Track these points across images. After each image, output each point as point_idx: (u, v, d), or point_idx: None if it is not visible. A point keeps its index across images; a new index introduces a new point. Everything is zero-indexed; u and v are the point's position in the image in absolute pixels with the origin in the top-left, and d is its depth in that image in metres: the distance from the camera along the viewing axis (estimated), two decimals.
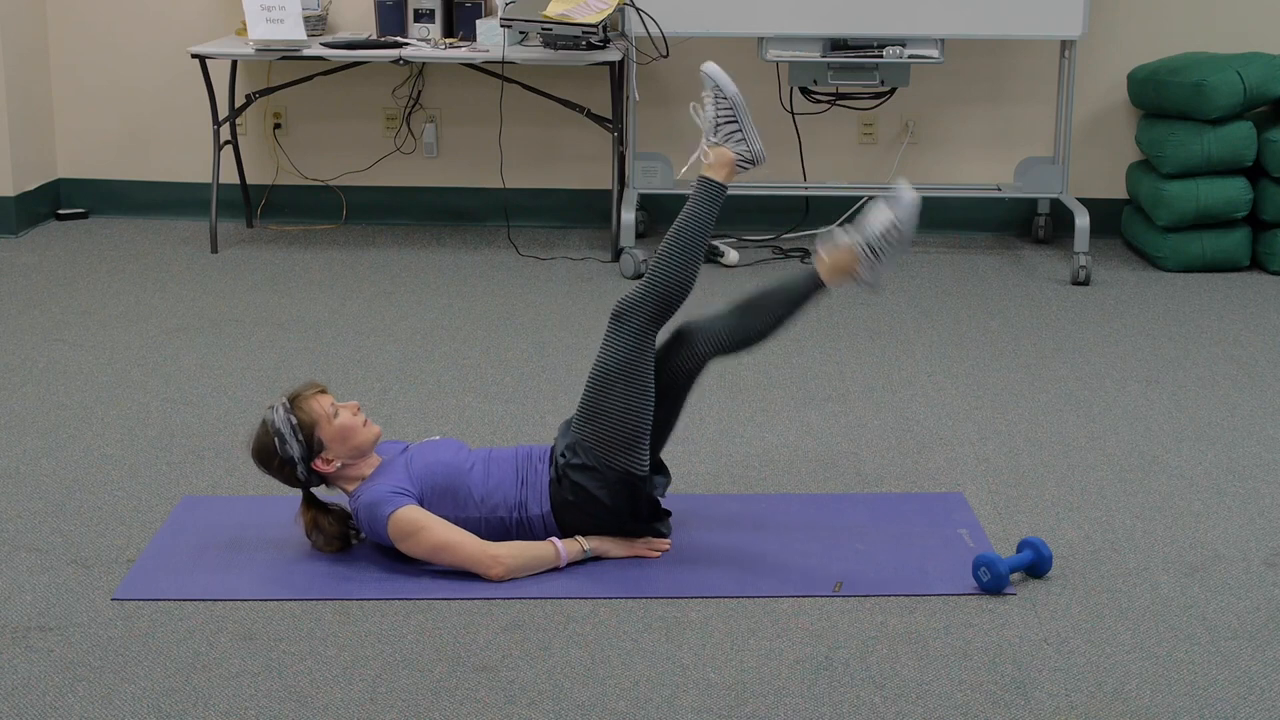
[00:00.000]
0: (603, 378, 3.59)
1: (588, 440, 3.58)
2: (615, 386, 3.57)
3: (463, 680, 3.14)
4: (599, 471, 3.57)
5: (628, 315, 3.60)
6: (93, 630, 3.32)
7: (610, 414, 3.56)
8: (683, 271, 3.66)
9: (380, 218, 6.90)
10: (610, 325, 3.62)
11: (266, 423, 3.59)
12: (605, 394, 3.57)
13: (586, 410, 3.60)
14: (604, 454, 3.56)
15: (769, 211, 6.72)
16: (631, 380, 3.58)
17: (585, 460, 3.57)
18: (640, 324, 3.60)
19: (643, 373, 3.59)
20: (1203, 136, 6.07)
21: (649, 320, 3.61)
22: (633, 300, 3.62)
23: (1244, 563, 3.66)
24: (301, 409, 3.58)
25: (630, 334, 3.59)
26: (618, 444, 3.56)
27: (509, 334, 5.38)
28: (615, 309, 3.62)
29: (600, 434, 3.56)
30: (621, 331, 3.60)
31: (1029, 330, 5.45)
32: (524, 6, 6.05)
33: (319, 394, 3.63)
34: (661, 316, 3.63)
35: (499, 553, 3.52)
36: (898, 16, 6.05)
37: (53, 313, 5.58)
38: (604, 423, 3.56)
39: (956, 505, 3.96)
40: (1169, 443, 4.41)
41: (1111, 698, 3.08)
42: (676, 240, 3.68)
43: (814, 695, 3.08)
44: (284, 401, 3.60)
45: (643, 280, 3.65)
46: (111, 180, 6.93)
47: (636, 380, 3.58)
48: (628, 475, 3.57)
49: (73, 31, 6.80)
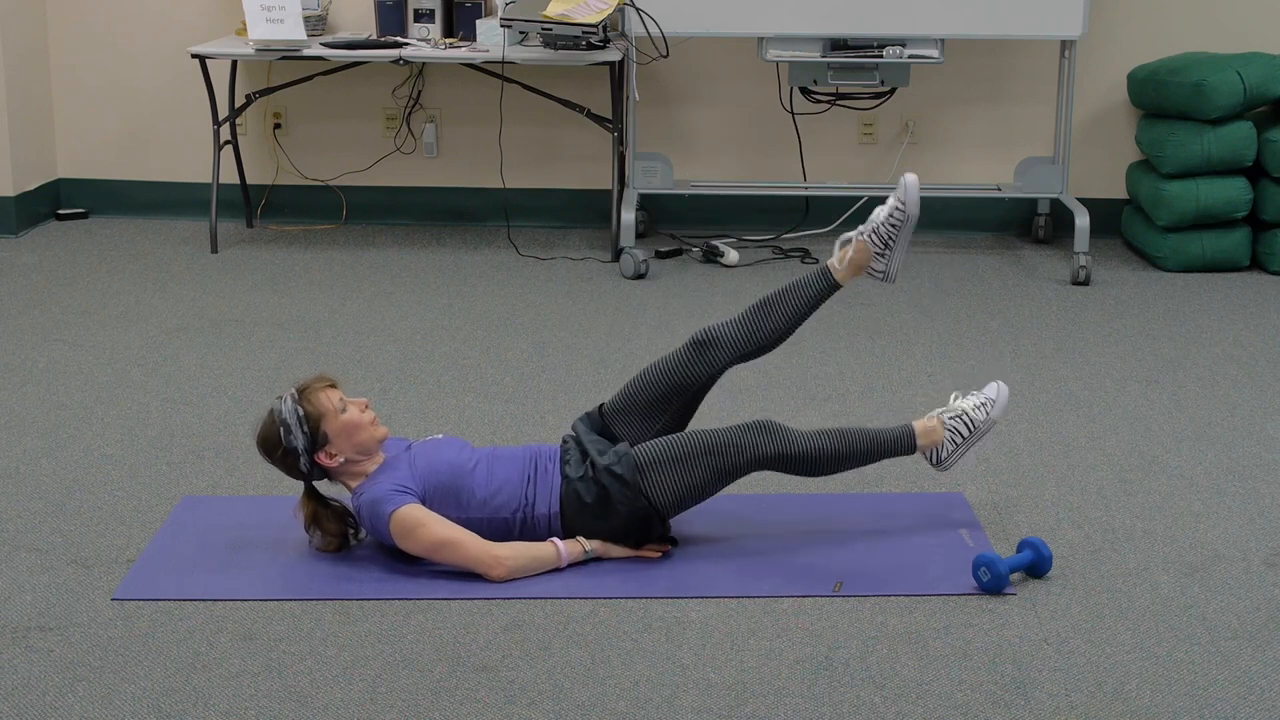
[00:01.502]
0: (713, 447, 3.60)
1: (648, 472, 3.57)
2: (716, 461, 3.60)
3: (463, 680, 3.14)
4: (633, 490, 3.57)
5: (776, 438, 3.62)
6: (93, 630, 3.32)
7: (693, 475, 3.58)
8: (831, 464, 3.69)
9: (380, 218, 6.90)
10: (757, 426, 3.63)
11: (274, 412, 3.59)
12: (704, 458, 3.59)
13: (673, 454, 3.59)
14: (653, 488, 3.57)
15: (769, 211, 6.72)
16: (730, 471, 3.61)
17: (627, 474, 3.57)
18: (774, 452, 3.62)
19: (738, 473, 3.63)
20: (1203, 136, 6.07)
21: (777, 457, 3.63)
22: (787, 435, 3.63)
23: (1244, 563, 3.66)
24: (310, 401, 3.58)
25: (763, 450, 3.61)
26: (673, 497, 3.59)
27: (509, 334, 5.38)
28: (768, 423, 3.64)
29: (668, 479, 3.57)
30: (759, 439, 3.61)
31: (1029, 330, 5.45)
32: (524, 6, 6.05)
33: (329, 387, 3.62)
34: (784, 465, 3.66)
35: (501, 553, 3.52)
36: (898, 16, 6.05)
37: (53, 313, 5.58)
38: (680, 475, 3.58)
39: (956, 505, 3.96)
40: (1169, 443, 4.41)
41: (1111, 698, 3.08)
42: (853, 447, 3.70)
43: (814, 695, 3.08)
44: (293, 392, 3.60)
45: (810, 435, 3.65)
46: (111, 180, 6.94)
47: (731, 474, 3.62)
48: (654, 510, 3.59)
49: (73, 31, 6.80)
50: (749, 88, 6.62)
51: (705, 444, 3.60)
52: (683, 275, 6.12)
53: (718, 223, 6.71)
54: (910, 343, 5.30)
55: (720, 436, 3.61)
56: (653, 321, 5.53)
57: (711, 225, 6.68)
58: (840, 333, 5.38)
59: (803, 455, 3.64)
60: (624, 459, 3.58)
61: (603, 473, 3.57)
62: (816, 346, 5.22)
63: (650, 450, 3.60)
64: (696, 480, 3.58)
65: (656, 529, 3.64)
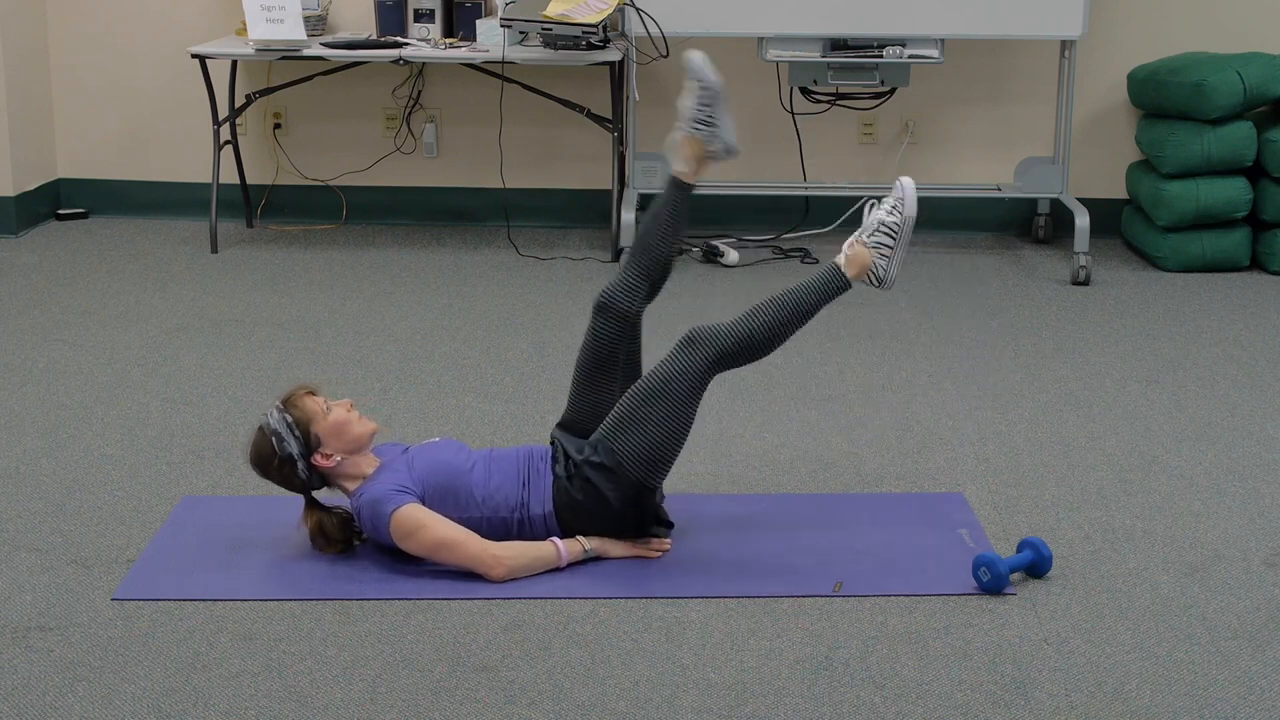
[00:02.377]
0: (652, 392, 3.58)
1: (615, 445, 3.57)
2: (663, 403, 3.57)
3: (463, 680, 3.14)
4: (615, 474, 3.57)
5: (703, 343, 3.60)
6: (93, 630, 3.32)
7: (649, 428, 3.56)
8: (772, 338, 3.64)
9: (380, 218, 6.90)
10: (679, 346, 3.61)
11: (263, 427, 3.60)
12: (650, 408, 3.57)
13: (624, 418, 3.59)
14: (627, 461, 3.56)
15: (769, 211, 6.72)
16: (681, 403, 3.58)
17: (605, 460, 3.57)
18: (711, 356, 3.59)
19: (692, 400, 3.59)
20: (1203, 136, 6.07)
21: (719, 357, 3.60)
22: (713, 332, 3.61)
23: (1244, 563, 3.66)
24: (295, 407, 3.60)
25: (697, 361, 3.58)
26: (644, 457, 3.57)
27: (509, 334, 5.38)
28: (689, 333, 3.62)
29: (631, 443, 3.56)
30: (690, 356, 3.59)
31: (1029, 330, 5.45)
32: (524, 6, 6.05)
33: (309, 394, 3.64)
34: (732, 359, 3.62)
35: (501, 553, 3.52)
36: (898, 16, 6.05)
37: (53, 313, 5.58)
38: (639, 434, 3.56)
39: (956, 505, 3.96)
40: (1169, 443, 4.41)
41: (1111, 698, 3.08)
42: (785, 311, 3.65)
43: (814, 695, 3.08)
44: (277, 405, 3.62)
45: (736, 322, 3.63)
46: (111, 180, 6.93)
47: (685, 405, 3.59)
48: (641, 485, 3.59)
49: (73, 31, 6.80)
50: (749, 88, 6.61)
51: (649, 389, 3.58)
52: (683, 275, 6.12)
53: (718, 223, 6.71)
54: (910, 343, 5.30)
55: (658, 375, 3.59)
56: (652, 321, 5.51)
57: (711, 225, 6.68)
58: (840, 333, 5.38)
59: (740, 346, 3.62)
60: (598, 446, 3.59)
61: (583, 466, 3.58)
62: (816, 346, 5.22)
63: (608, 424, 3.60)
64: (660, 427, 3.56)
65: (651, 507, 3.63)
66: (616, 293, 3.76)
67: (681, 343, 3.62)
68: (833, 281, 3.69)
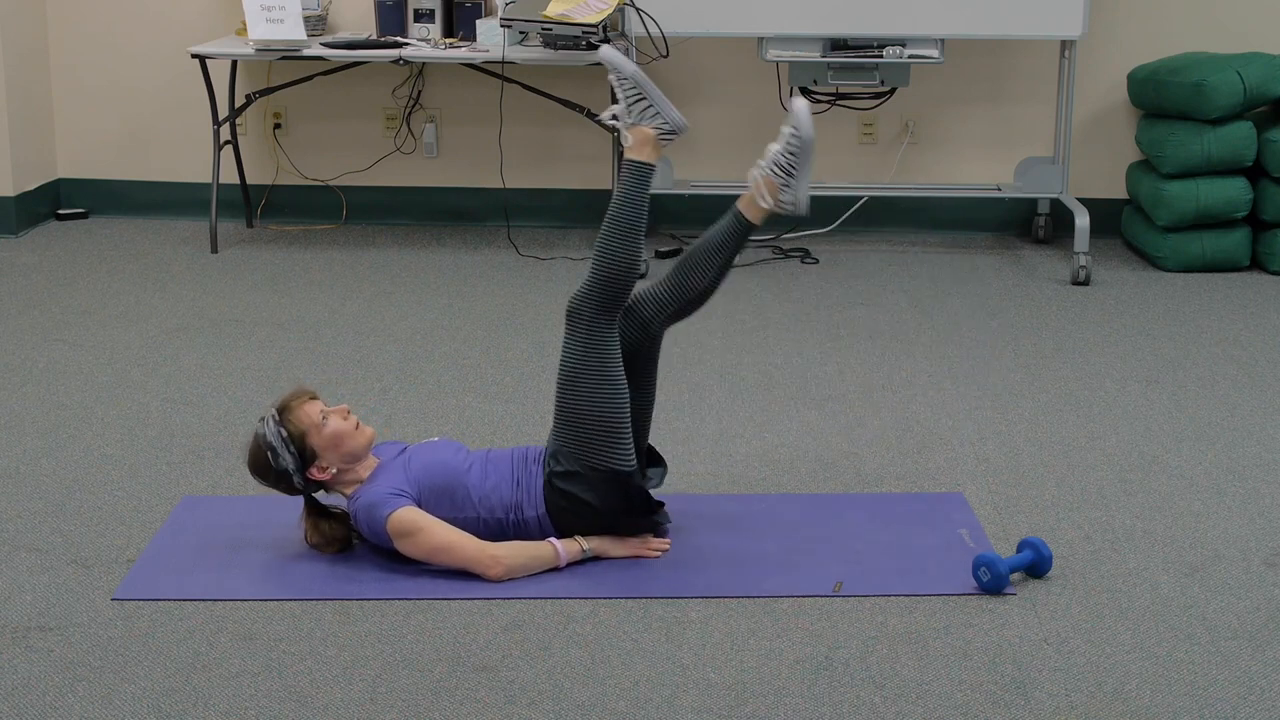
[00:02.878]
0: (568, 379, 3.58)
1: (567, 446, 3.57)
2: (581, 385, 3.56)
3: (463, 680, 3.14)
4: (584, 476, 3.56)
5: (579, 311, 3.60)
6: (93, 630, 3.32)
7: (583, 414, 3.56)
8: (624, 254, 3.61)
9: (380, 218, 6.90)
10: (566, 326, 3.61)
11: (258, 436, 3.59)
12: (573, 396, 3.57)
13: (560, 416, 3.59)
14: (586, 456, 3.56)
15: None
16: (597, 375, 3.56)
17: (569, 467, 3.57)
18: (591, 315, 3.58)
19: (607, 365, 3.57)
20: (1203, 136, 6.07)
21: (599, 309, 3.58)
22: (581, 295, 3.60)
23: (1244, 563, 3.66)
24: (291, 420, 3.57)
25: (584, 328, 3.58)
26: (596, 443, 3.56)
27: (509, 334, 5.38)
28: (567, 307, 3.62)
29: (578, 437, 3.56)
30: (576, 329, 3.59)
31: (1029, 330, 5.45)
32: (524, 6, 6.05)
33: (308, 401, 3.61)
34: (611, 304, 3.60)
35: (498, 553, 3.52)
36: (898, 16, 6.05)
37: (53, 313, 5.58)
38: (579, 425, 3.56)
39: (956, 505, 3.96)
40: (1169, 443, 4.41)
41: (1111, 698, 3.08)
42: (613, 225, 3.63)
43: (814, 695, 3.08)
44: (273, 414, 3.59)
45: (587, 273, 3.63)
46: (111, 180, 6.94)
47: (602, 374, 3.57)
48: (614, 474, 3.57)
49: (73, 31, 6.80)
50: (749, 88, 6.61)
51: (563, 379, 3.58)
52: None
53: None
54: (910, 343, 5.30)
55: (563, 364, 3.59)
56: None
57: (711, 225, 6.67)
58: (840, 333, 5.38)
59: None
60: (558, 455, 3.58)
61: (554, 478, 3.58)
62: (816, 346, 5.22)
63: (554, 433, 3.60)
64: (595, 407, 3.54)
65: (636, 493, 3.61)
66: (645, 300, 3.73)
67: (565, 322, 3.62)
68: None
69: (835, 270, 6.24)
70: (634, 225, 3.64)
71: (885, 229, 6.77)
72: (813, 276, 6.14)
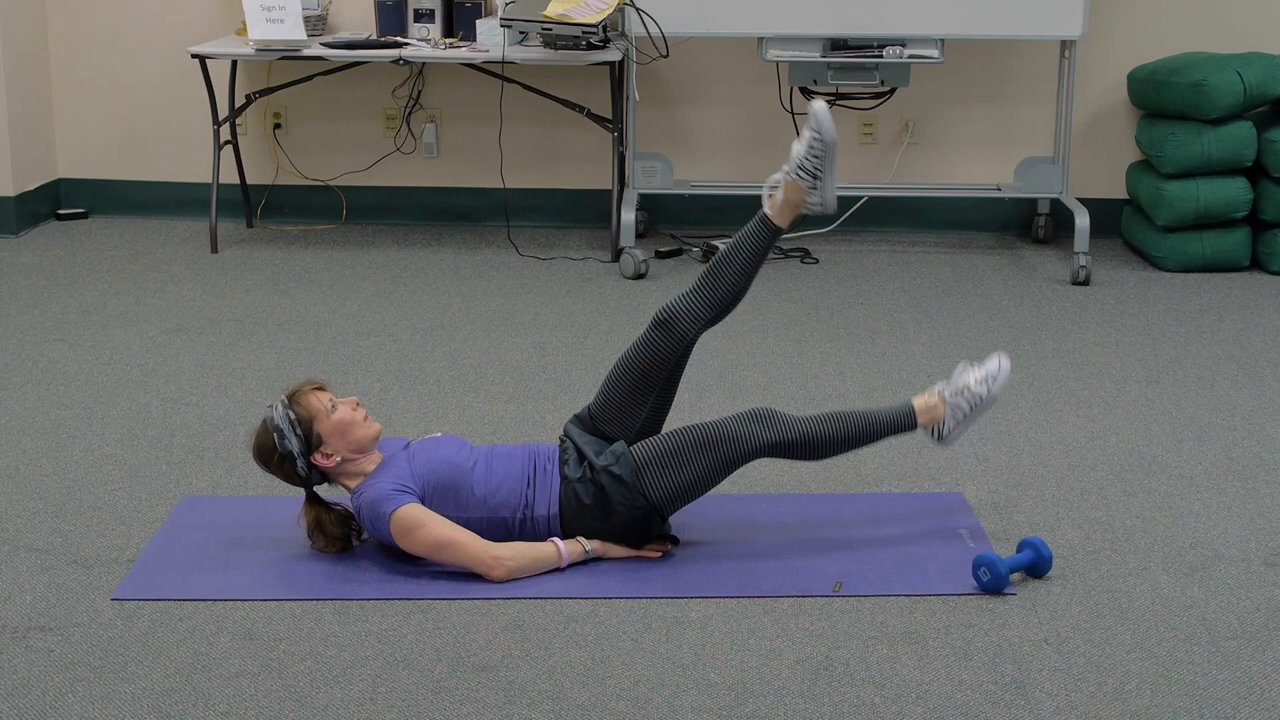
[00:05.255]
0: (707, 442, 3.59)
1: (646, 471, 3.57)
2: (711, 457, 3.59)
3: (463, 680, 3.14)
4: (632, 490, 3.57)
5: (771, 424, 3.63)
6: (93, 630, 3.32)
7: (687, 472, 3.58)
8: (830, 446, 3.68)
9: (380, 218, 6.90)
10: (751, 413, 3.64)
11: (266, 420, 3.60)
12: (698, 456, 3.59)
13: (668, 453, 3.59)
14: (651, 486, 3.57)
15: None
16: (726, 464, 3.61)
17: (625, 475, 3.57)
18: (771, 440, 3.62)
19: (735, 465, 3.62)
20: (1203, 136, 6.07)
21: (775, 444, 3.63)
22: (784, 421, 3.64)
23: (1244, 563, 3.66)
24: (299, 404, 3.59)
25: (759, 438, 3.61)
26: (669, 494, 3.58)
27: (509, 334, 5.38)
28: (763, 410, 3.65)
29: (664, 478, 3.57)
30: (755, 427, 3.61)
31: (1029, 330, 5.45)
32: (524, 6, 6.05)
33: (317, 390, 3.64)
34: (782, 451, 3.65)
35: (501, 553, 3.52)
36: (898, 16, 6.05)
37: (53, 313, 5.58)
38: (675, 473, 3.57)
39: (956, 505, 3.96)
40: (1169, 443, 4.41)
41: (1111, 698, 3.08)
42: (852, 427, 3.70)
43: (814, 695, 3.08)
44: (283, 399, 3.61)
45: (807, 419, 3.66)
46: (111, 180, 6.94)
47: (727, 467, 3.62)
48: (654, 511, 3.60)
49: (73, 31, 6.80)
50: (749, 88, 6.61)
51: (702, 438, 3.59)
52: (683, 275, 6.11)
53: (718, 223, 6.71)
54: (910, 343, 5.30)
55: (717, 429, 3.61)
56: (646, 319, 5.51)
57: (711, 225, 6.68)
58: (840, 333, 5.38)
59: (801, 441, 3.64)
60: (622, 459, 3.58)
61: (601, 474, 3.57)
62: (816, 346, 5.22)
63: (647, 449, 3.60)
64: (695, 475, 3.58)
65: (656, 526, 3.64)
66: (680, 314, 3.73)
67: (754, 411, 3.64)
68: (902, 420, 3.75)
69: (835, 270, 6.24)
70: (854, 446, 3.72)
71: (885, 229, 6.77)
72: (813, 276, 6.14)
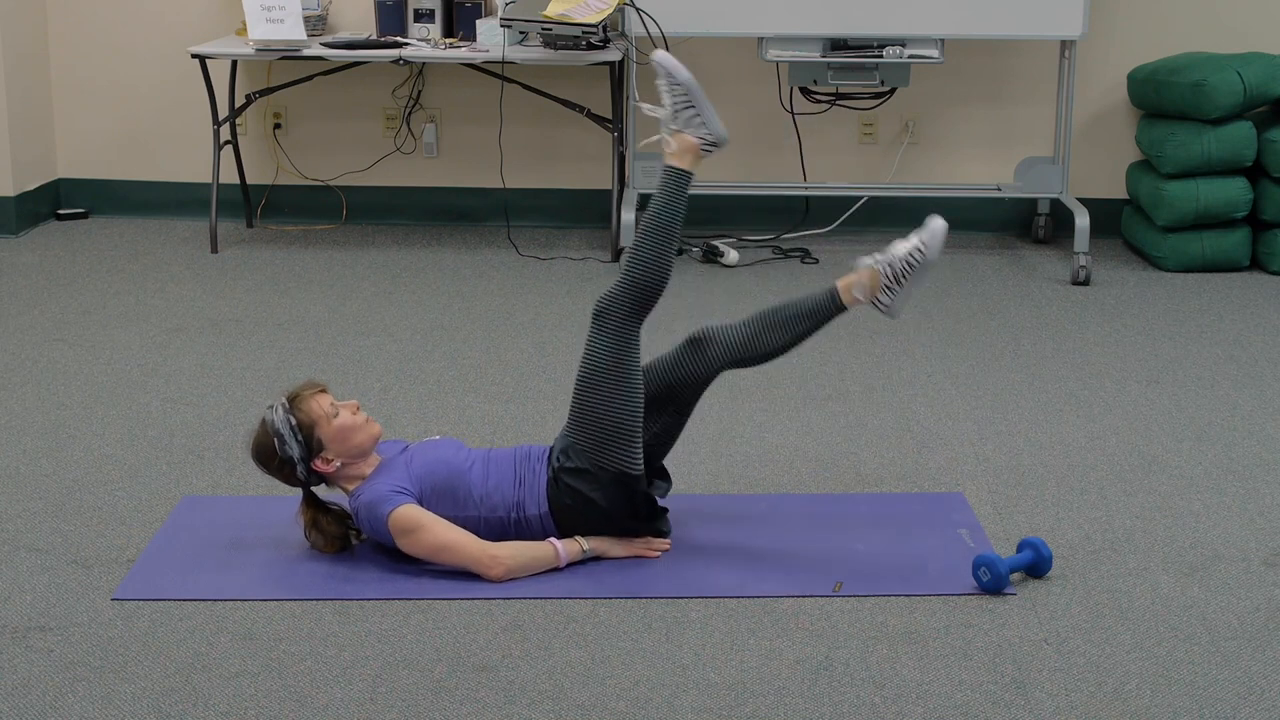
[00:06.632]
0: (589, 378, 3.58)
1: (580, 443, 3.57)
2: (602, 386, 3.57)
3: (463, 680, 3.14)
4: (593, 474, 3.56)
5: (608, 313, 3.60)
6: (93, 630, 3.32)
7: (600, 414, 3.56)
8: (658, 262, 3.62)
9: (380, 218, 6.90)
10: (592, 325, 3.62)
11: (266, 423, 3.59)
12: (593, 395, 3.57)
13: (576, 413, 3.60)
14: (597, 455, 3.56)
15: (769, 211, 6.72)
16: (618, 379, 3.57)
17: (579, 463, 3.57)
18: (620, 319, 3.59)
19: (628, 370, 3.58)
20: (1203, 136, 6.07)
21: (629, 315, 3.59)
22: (611, 297, 3.61)
23: (1244, 563, 3.66)
24: (300, 409, 3.58)
25: (612, 331, 3.58)
26: (609, 444, 3.56)
27: (509, 334, 5.38)
28: (595, 307, 3.62)
29: (592, 436, 3.56)
30: (603, 330, 3.59)
31: (1029, 330, 5.45)
32: (524, 6, 6.05)
33: (319, 393, 3.63)
34: (641, 310, 3.61)
35: (499, 553, 3.52)
36: (898, 16, 6.05)
37: (53, 313, 5.59)
38: (594, 424, 3.56)
39: (956, 505, 3.96)
40: (1169, 443, 4.41)
41: (1111, 698, 3.08)
42: (649, 232, 3.64)
43: (814, 695, 3.08)
44: (283, 402, 3.60)
45: (619, 276, 3.63)
46: (111, 180, 6.94)
47: (623, 378, 3.57)
48: (622, 475, 3.57)
49: (73, 31, 6.80)
50: (749, 88, 6.61)
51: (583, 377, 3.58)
52: (683, 275, 6.12)
53: (718, 223, 6.71)
54: (910, 343, 5.30)
55: (585, 361, 3.58)
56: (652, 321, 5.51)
57: (711, 225, 6.68)
58: (840, 333, 5.38)
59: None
60: (568, 450, 3.58)
61: (562, 474, 3.58)
62: (816, 346, 5.21)
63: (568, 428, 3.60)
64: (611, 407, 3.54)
65: (640, 496, 3.61)
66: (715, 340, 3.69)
67: (592, 322, 3.62)
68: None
69: (835, 270, 6.19)
70: (669, 231, 3.64)
71: (885, 229, 6.75)
72: (813, 276, 6.14)
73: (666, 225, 3.65)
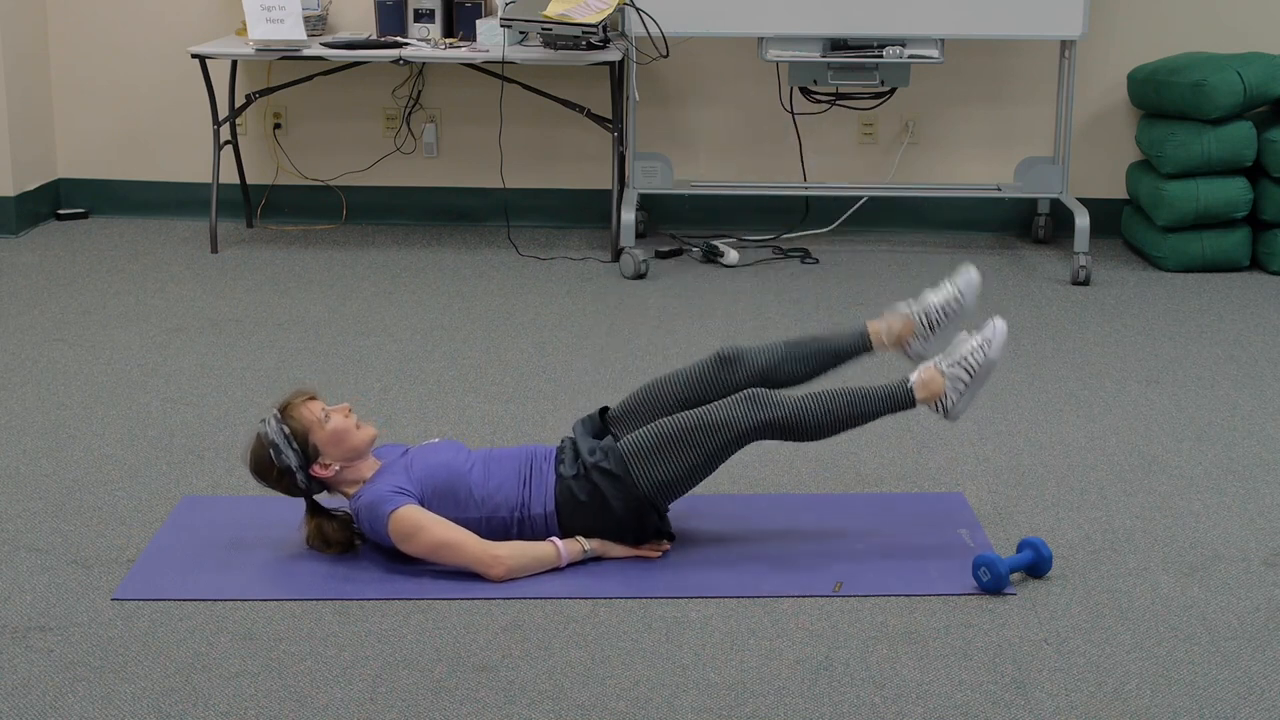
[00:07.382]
0: (695, 429, 3.56)
1: (635, 462, 3.56)
2: (701, 444, 3.56)
3: (463, 680, 3.14)
4: (624, 484, 3.56)
5: (762, 405, 3.57)
6: (93, 630, 3.32)
7: (678, 461, 3.56)
8: (823, 427, 3.61)
9: (380, 218, 6.90)
10: (739, 398, 3.59)
11: (260, 436, 3.59)
12: (687, 444, 3.56)
13: (659, 443, 3.57)
14: (642, 477, 3.56)
15: (769, 211, 6.72)
16: (717, 451, 3.57)
17: (615, 469, 3.57)
18: (762, 421, 3.57)
19: (727, 451, 3.59)
20: (1203, 136, 6.07)
21: (765, 425, 3.57)
22: (773, 401, 3.58)
23: (1244, 563, 3.66)
24: (293, 417, 3.58)
25: (749, 420, 3.56)
26: (661, 484, 3.57)
27: (509, 334, 5.38)
28: (753, 392, 3.59)
29: (655, 468, 3.56)
30: (744, 411, 3.56)
31: (1029, 330, 5.45)
32: (524, 6, 6.05)
33: (308, 400, 3.63)
34: (774, 432, 3.60)
35: (500, 552, 3.52)
36: (898, 16, 6.05)
37: (53, 313, 5.58)
38: (666, 463, 3.56)
39: (956, 505, 3.96)
40: (1169, 443, 4.41)
41: (1111, 698, 3.08)
42: (846, 407, 3.62)
43: (814, 695, 3.08)
44: (275, 413, 3.60)
45: (797, 399, 3.61)
46: (111, 180, 6.94)
47: (719, 454, 3.58)
48: (650, 501, 3.59)
49: (73, 31, 6.80)
50: (749, 88, 6.61)
51: (691, 425, 3.57)
52: (683, 275, 6.12)
53: (718, 223, 6.71)
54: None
55: (706, 416, 3.58)
56: (653, 322, 5.53)
57: (711, 225, 6.68)
58: None
59: (794, 422, 3.59)
60: (610, 453, 3.58)
61: (593, 470, 3.58)
62: None
63: (636, 441, 3.59)
64: (686, 464, 3.57)
65: (653, 521, 3.64)
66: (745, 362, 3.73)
67: (743, 395, 3.60)
68: (899, 398, 3.67)
69: (835, 270, 6.24)
70: (852, 420, 3.64)
71: (885, 229, 6.77)
72: (813, 276, 6.14)
73: (856, 415, 3.63)
